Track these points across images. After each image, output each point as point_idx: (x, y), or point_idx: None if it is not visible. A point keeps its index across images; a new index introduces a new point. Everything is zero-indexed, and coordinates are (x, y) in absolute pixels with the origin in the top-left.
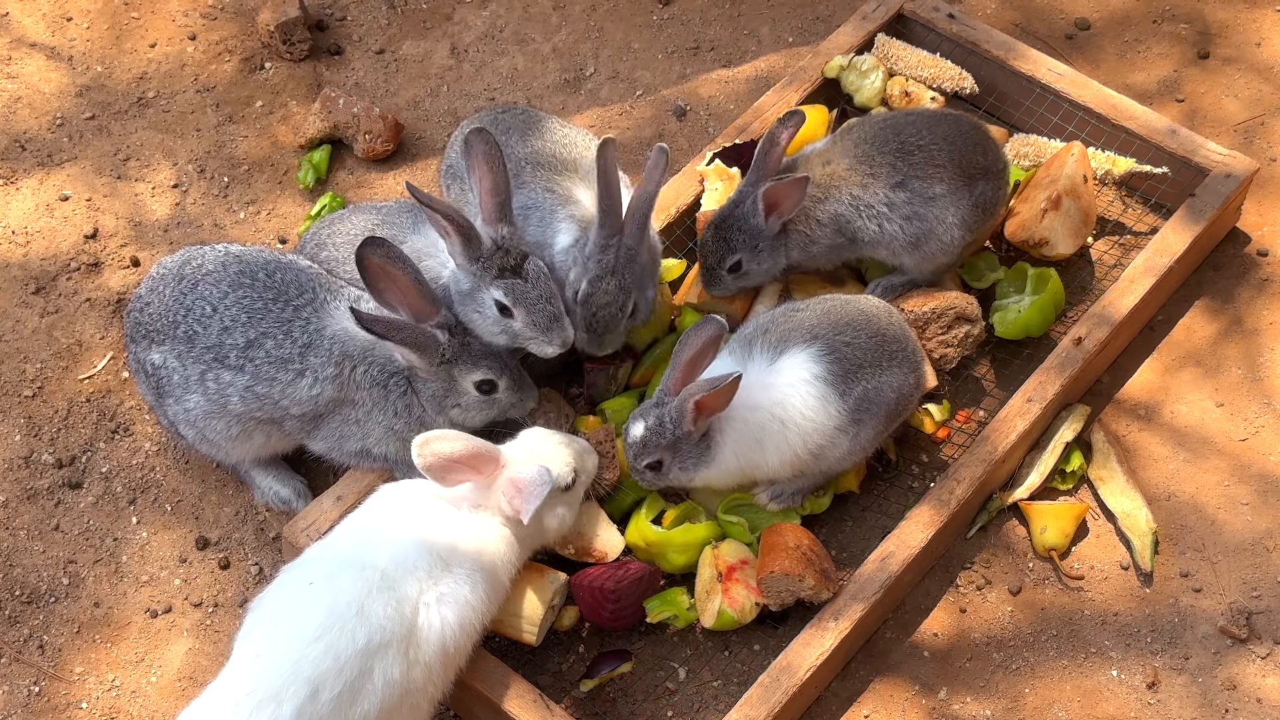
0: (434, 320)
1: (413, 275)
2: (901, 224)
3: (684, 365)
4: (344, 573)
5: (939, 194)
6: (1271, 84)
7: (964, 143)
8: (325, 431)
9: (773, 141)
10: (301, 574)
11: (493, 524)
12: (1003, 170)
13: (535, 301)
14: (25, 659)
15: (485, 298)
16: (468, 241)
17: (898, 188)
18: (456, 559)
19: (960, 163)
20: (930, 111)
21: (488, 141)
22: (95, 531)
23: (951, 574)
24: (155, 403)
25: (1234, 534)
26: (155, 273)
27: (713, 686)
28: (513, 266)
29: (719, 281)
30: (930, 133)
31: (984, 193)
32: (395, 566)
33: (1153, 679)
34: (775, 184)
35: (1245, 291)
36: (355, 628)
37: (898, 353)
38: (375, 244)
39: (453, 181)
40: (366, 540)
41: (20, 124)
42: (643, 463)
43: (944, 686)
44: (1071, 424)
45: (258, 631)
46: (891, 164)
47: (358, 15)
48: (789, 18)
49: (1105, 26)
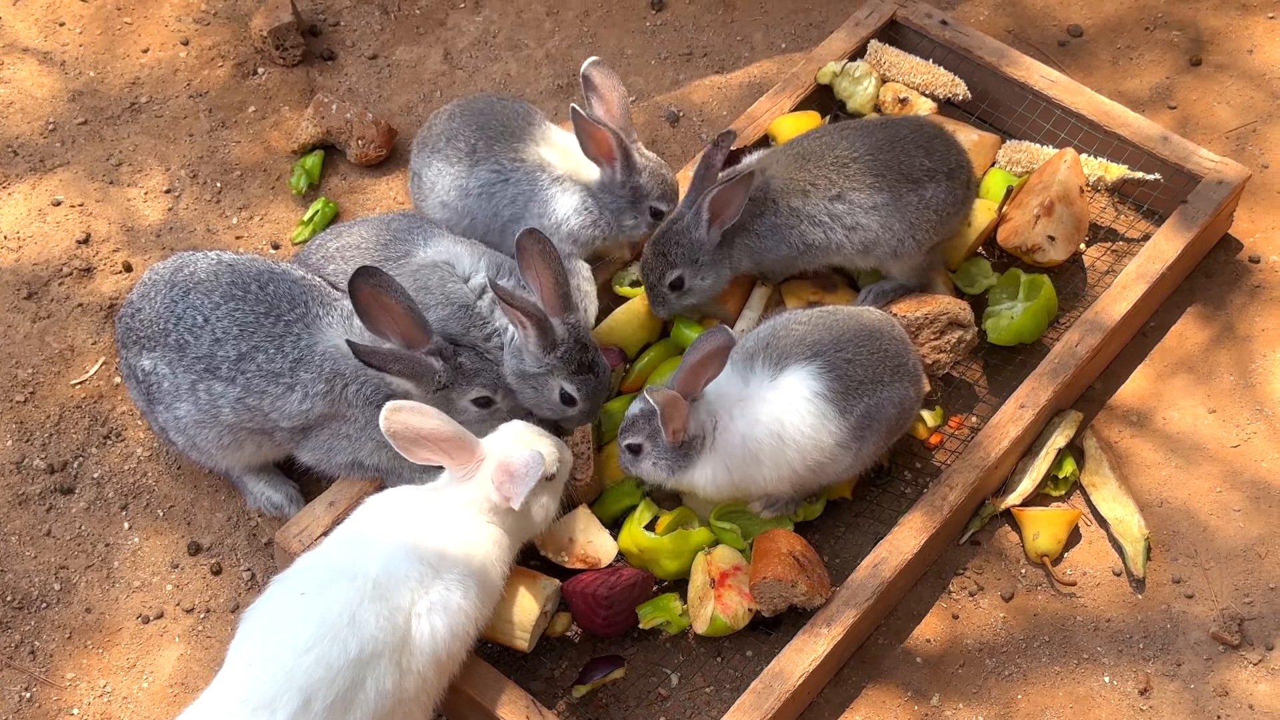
0: (426, 347)
1: (405, 304)
2: (846, 234)
3: (689, 368)
4: (335, 582)
5: (880, 203)
6: (1263, 91)
7: (902, 149)
8: (314, 443)
9: (708, 165)
10: (293, 584)
11: (479, 524)
12: (957, 169)
13: (597, 394)
14: (16, 665)
15: (553, 384)
16: (543, 333)
17: (835, 200)
18: (447, 565)
19: (900, 170)
20: (868, 121)
21: (540, 240)
22: (87, 537)
23: (944, 580)
24: (146, 409)
25: (1226, 540)
26: (147, 278)
27: (705, 692)
28: (589, 364)
29: (662, 300)
30: (865, 143)
31: (935, 195)
32: (386, 576)
33: (1145, 685)
34: (720, 188)
35: (1237, 298)
36: (347, 638)
37: (899, 367)
38: (367, 274)
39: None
40: (357, 549)
41: (12, 129)
42: (625, 440)
43: (936, 693)
44: (1064, 430)
45: (250, 641)
46: (828, 178)
47: (351, 21)
48: (782, 24)
49: (1098, 33)
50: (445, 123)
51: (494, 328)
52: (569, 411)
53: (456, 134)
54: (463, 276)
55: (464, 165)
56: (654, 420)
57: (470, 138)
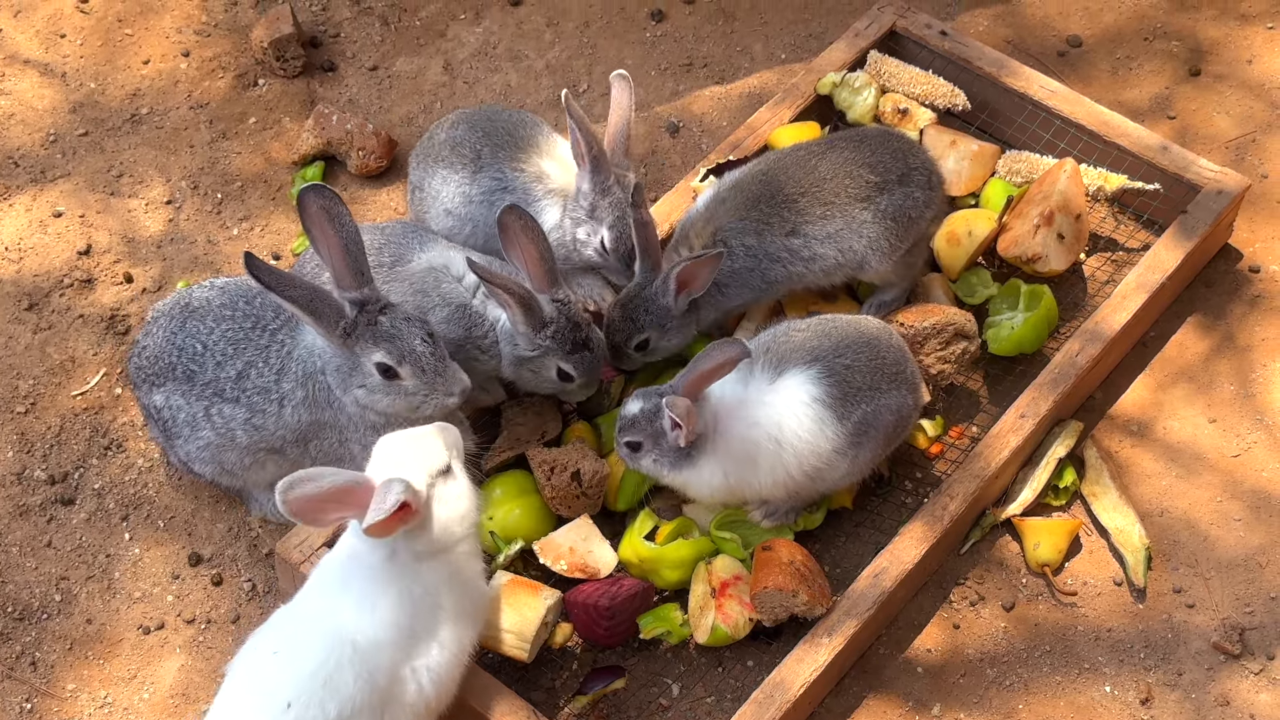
0: (352, 293)
1: (344, 239)
2: (805, 265)
3: (699, 372)
4: (307, 641)
5: (834, 230)
6: (1263, 101)
7: (847, 171)
8: (316, 453)
9: (642, 223)
10: (266, 641)
11: (422, 565)
12: (910, 172)
13: (594, 367)
14: (17, 676)
15: (549, 364)
16: (529, 312)
17: (790, 235)
18: (421, 622)
19: (848, 192)
20: (809, 150)
21: (520, 215)
22: (88, 548)
23: (945, 590)
24: (166, 445)
25: (1227, 550)
26: (150, 316)
27: (706, 702)
28: (583, 340)
29: (626, 358)
30: (810, 175)
31: (890, 204)
32: (361, 637)
33: (1146, 695)
34: (689, 263)
35: (1237, 308)
36: (324, 699)
37: (897, 375)
38: (319, 193)
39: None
40: (326, 607)
41: (13, 140)
42: (624, 438)
43: (937, 703)
44: (1064, 440)
45: (229, 699)
46: (779, 215)
47: (351, 32)
48: (782, 35)
49: (1097, 44)
50: (449, 131)
51: (490, 323)
52: (568, 387)
53: (462, 141)
54: (457, 277)
55: (468, 172)
56: (655, 420)
57: (476, 145)
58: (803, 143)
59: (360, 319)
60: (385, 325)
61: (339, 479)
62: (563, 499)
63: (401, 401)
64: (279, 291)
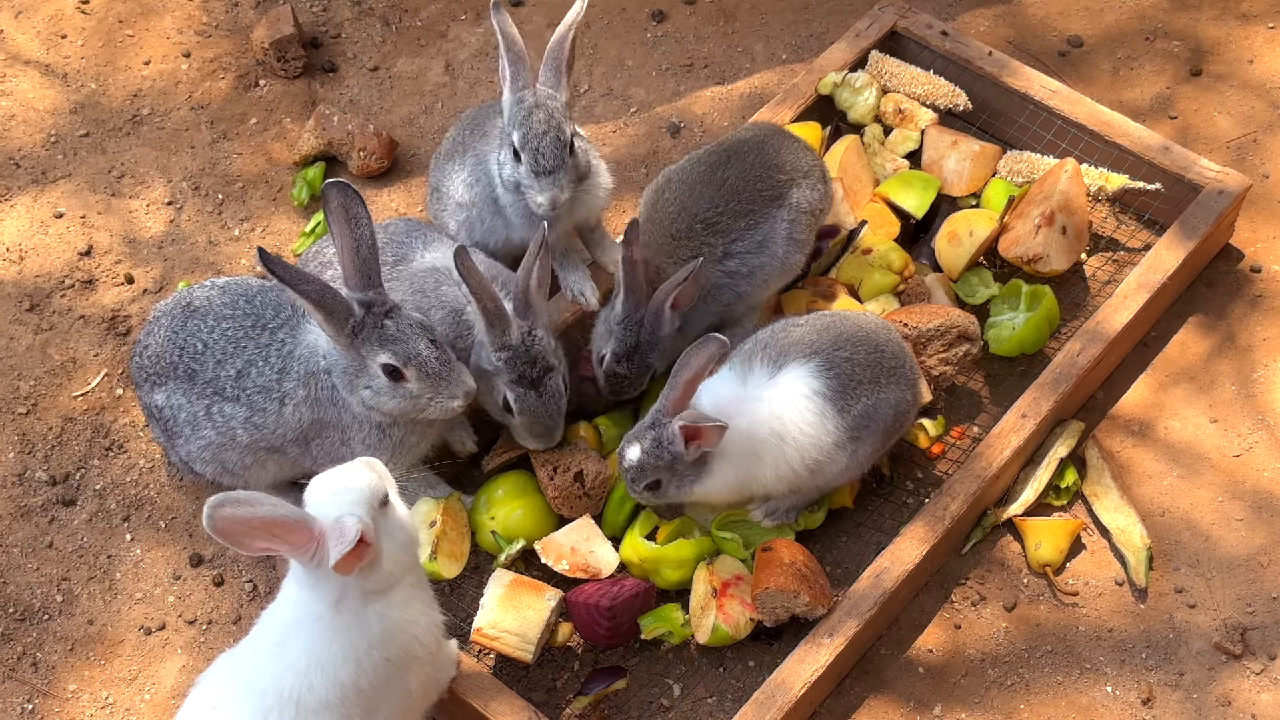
0: (361, 294)
1: (357, 240)
2: (747, 277)
3: (683, 385)
4: (244, 699)
5: (763, 238)
6: (1264, 101)
7: (752, 181)
8: (318, 454)
9: (630, 261)
10: (205, 694)
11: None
12: (808, 168)
13: (538, 415)
14: (19, 677)
15: (499, 387)
16: (492, 325)
17: (726, 258)
18: (367, 678)
19: (761, 200)
20: (706, 167)
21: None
22: (89, 548)
23: (946, 590)
24: (167, 445)
25: (1228, 550)
26: (151, 316)
27: (707, 703)
28: (534, 379)
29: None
30: (722, 196)
31: (799, 200)
32: (310, 698)
33: (1147, 695)
34: (682, 286)
35: (1238, 308)
36: None
37: (896, 369)
38: (343, 189)
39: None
40: (268, 665)
41: (14, 141)
42: (640, 485)
43: (939, 703)
44: (1065, 440)
45: None
46: (707, 242)
47: (352, 33)
48: (782, 35)
49: (1098, 44)
50: (456, 130)
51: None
52: (510, 420)
53: (459, 136)
54: (458, 281)
55: (460, 160)
56: (663, 454)
57: (466, 137)
58: (696, 157)
59: (367, 320)
60: (391, 328)
61: (277, 511)
62: (565, 499)
63: (407, 403)
64: (294, 286)
